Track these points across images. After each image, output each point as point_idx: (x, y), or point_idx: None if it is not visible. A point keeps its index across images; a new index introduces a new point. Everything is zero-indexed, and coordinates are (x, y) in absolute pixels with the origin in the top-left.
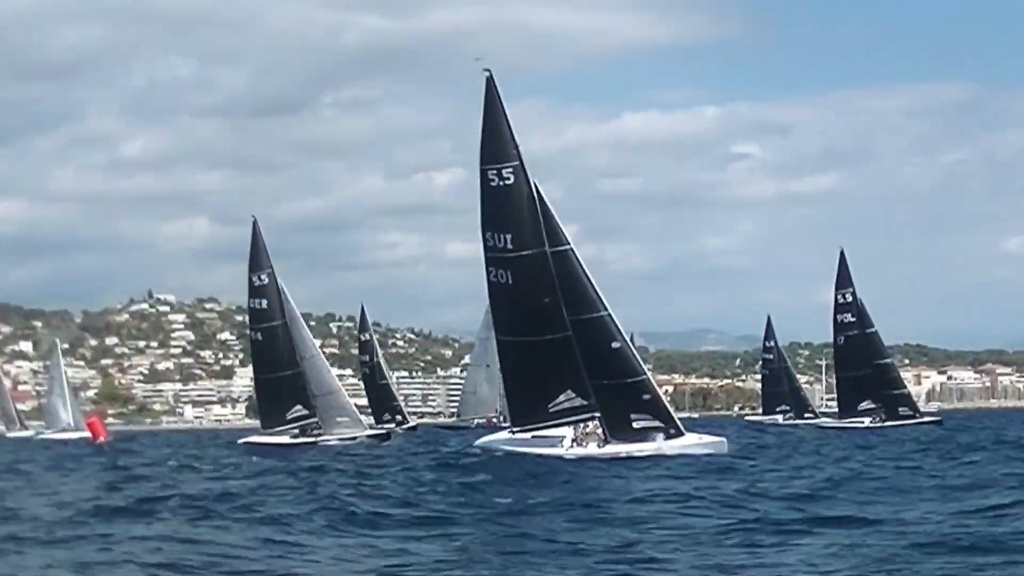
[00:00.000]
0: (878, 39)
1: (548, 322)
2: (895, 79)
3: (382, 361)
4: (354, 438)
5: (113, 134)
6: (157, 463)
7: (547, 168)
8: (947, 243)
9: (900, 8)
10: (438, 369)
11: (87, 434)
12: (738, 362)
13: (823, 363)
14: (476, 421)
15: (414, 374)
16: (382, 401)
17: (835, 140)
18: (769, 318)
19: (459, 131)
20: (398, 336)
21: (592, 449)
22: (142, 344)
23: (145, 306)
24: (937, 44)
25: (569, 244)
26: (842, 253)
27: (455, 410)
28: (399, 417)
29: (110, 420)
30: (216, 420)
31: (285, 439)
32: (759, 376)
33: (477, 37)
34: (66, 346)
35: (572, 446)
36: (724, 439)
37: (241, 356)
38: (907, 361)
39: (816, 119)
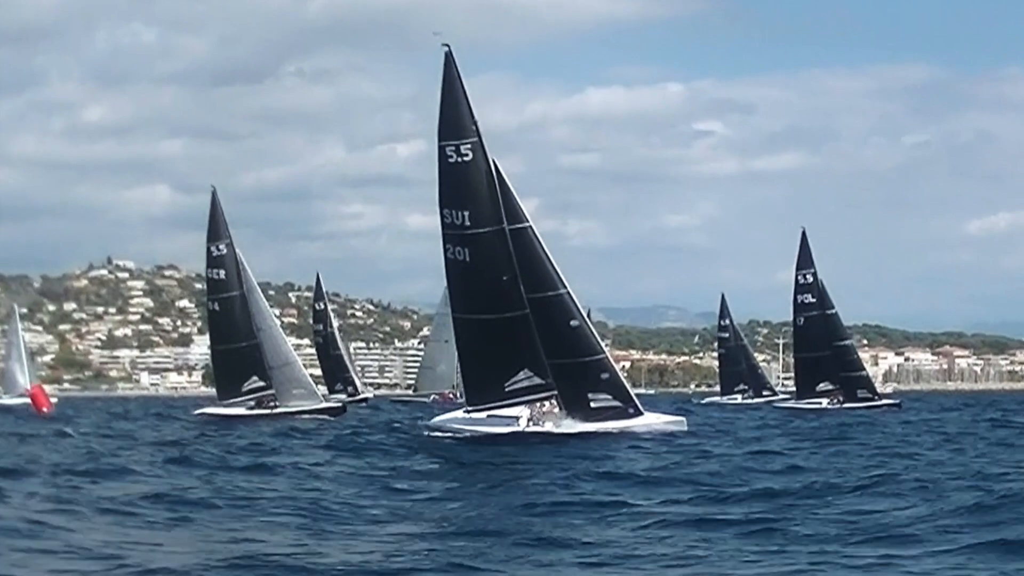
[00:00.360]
0: (843, 20)
1: (506, 300)
2: (859, 60)
3: (336, 331)
4: (294, 414)
5: (75, 100)
6: (60, 433)
7: (509, 142)
8: (908, 225)
9: None
10: (395, 341)
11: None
12: (696, 339)
13: (781, 342)
14: (433, 396)
15: (371, 345)
16: (335, 371)
17: (798, 119)
18: (723, 296)
19: (422, 103)
20: (357, 307)
21: (549, 428)
22: (100, 310)
23: (104, 272)
24: (902, 26)
25: (528, 222)
26: (803, 233)
27: (411, 382)
28: (350, 388)
29: (66, 386)
30: (172, 387)
31: (241, 411)
32: (716, 353)
33: (441, 9)
34: (24, 311)
35: (528, 425)
36: (684, 418)
37: (199, 324)
38: (865, 342)
39: (780, 98)
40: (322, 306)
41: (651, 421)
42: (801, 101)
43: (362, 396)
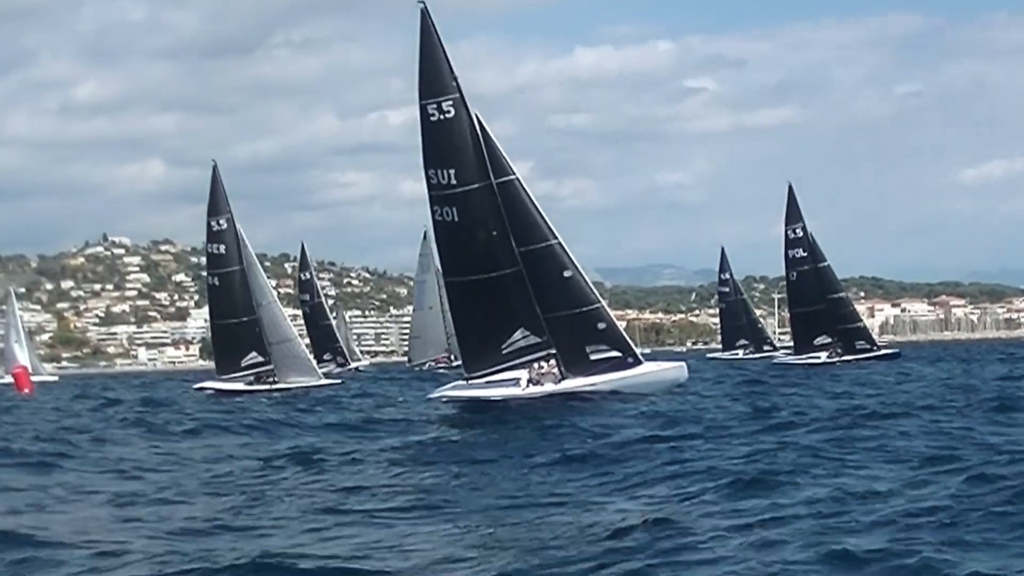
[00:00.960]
0: None
1: (497, 258)
2: (849, 11)
3: (324, 301)
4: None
5: (66, 78)
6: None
7: (500, 105)
8: (902, 175)
9: None
10: (391, 308)
11: (36, 378)
12: (693, 296)
13: (776, 297)
14: (428, 364)
15: (367, 313)
16: (323, 341)
17: (789, 73)
18: (723, 249)
19: (413, 69)
20: (353, 275)
21: (549, 387)
22: (98, 287)
23: (100, 249)
24: None
25: (514, 174)
26: (790, 187)
27: (407, 349)
28: (339, 358)
29: (64, 363)
30: (170, 362)
31: (240, 386)
32: (713, 311)
33: None
34: (22, 290)
35: (528, 387)
36: (684, 364)
37: (196, 298)
38: (862, 294)
39: (770, 52)
40: (308, 276)
41: (651, 370)
42: (792, 54)
43: (352, 366)
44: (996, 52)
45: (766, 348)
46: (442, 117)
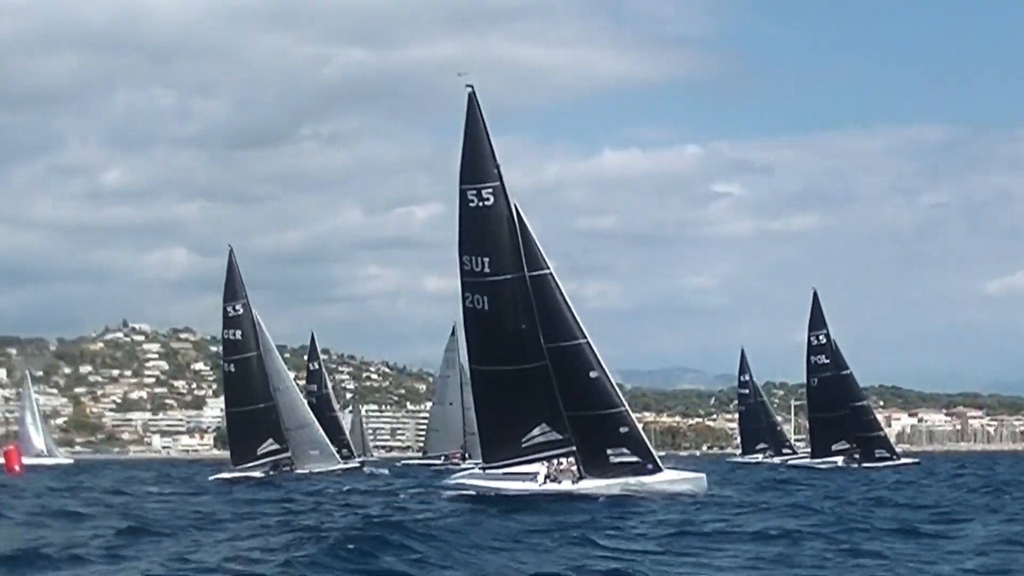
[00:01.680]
0: (859, 81)
1: (524, 351)
2: (875, 121)
3: (331, 392)
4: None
5: (92, 164)
6: None
7: (526, 205)
8: (925, 284)
9: (880, 50)
10: (408, 404)
11: (61, 461)
12: (713, 401)
13: (794, 403)
14: (441, 457)
15: (384, 408)
16: (330, 433)
17: (815, 180)
18: (743, 351)
19: (439, 165)
20: (372, 369)
21: (566, 485)
22: (116, 373)
23: (120, 335)
24: (917, 86)
25: (549, 268)
26: (815, 294)
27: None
28: (344, 451)
29: (78, 448)
30: (184, 450)
31: (257, 474)
32: (731, 416)
33: (457, 72)
34: (40, 373)
35: (545, 483)
36: (703, 475)
37: (214, 387)
38: (881, 403)
39: (796, 159)
40: (316, 366)
41: (670, 478)
42: (818, 162)
43: (356, 460)
44: (1021, 164)
45: (785, 452)
46: (481, 204)
